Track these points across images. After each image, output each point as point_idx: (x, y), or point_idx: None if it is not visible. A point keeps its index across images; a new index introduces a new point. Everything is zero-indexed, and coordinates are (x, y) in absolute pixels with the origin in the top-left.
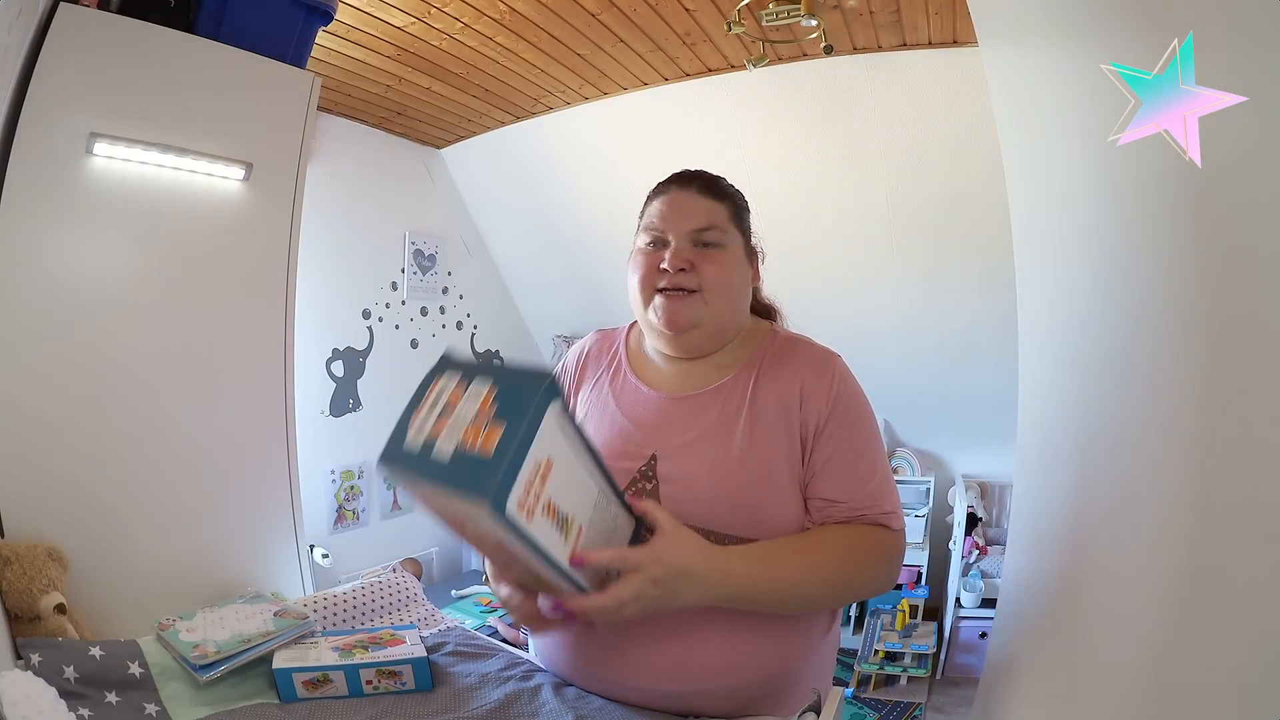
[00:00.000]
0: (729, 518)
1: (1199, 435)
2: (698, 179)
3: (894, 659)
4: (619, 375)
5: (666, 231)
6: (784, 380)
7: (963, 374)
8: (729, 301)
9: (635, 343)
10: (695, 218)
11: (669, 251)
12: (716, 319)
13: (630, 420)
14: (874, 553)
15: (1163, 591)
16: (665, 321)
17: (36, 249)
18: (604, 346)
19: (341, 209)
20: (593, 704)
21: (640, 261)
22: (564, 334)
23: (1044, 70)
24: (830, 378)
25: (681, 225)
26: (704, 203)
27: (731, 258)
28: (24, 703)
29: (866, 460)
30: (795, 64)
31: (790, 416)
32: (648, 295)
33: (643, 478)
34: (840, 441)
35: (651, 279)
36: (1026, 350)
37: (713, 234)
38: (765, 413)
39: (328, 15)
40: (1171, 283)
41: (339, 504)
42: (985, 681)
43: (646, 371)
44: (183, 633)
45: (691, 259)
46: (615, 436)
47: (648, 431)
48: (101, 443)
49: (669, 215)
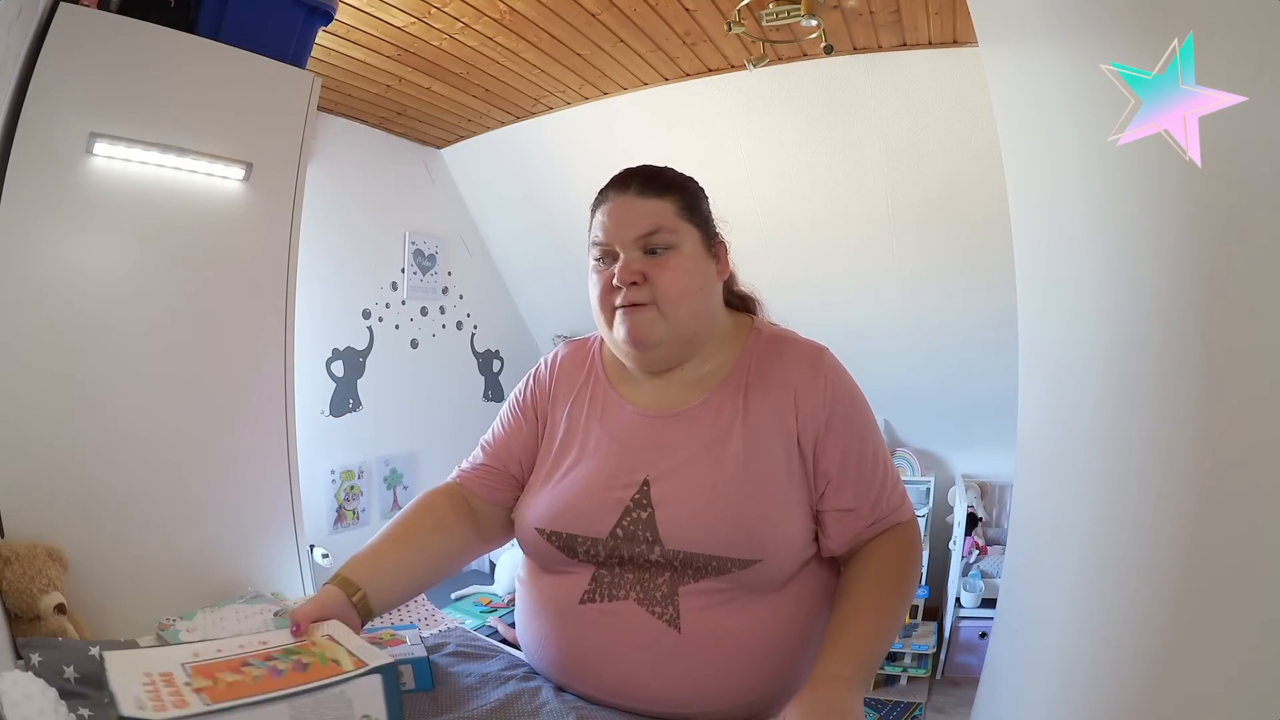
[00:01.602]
0: (729, 541)
1: (1198, 434)
2: (636, 177)
3: (894, 659)
4: (599, 392)
5: (612, 243)
6: (775, 388)
7: (962, 374)
8: (689, 307)
9: (610, 354)
10: (638, 223)
11: (618, 265)
12: (678, 329)
13: (616, 442)
14: (904, 555)
15: (1163, 591)
16: (628, 340)
17: (36, 249)
18: (577, 359)
19: (341, 209)
20: (594, 703)
21: (594, 280)
22: (564, 334)
23: (1044, 70)
24: (823, 378)
25: (625, 234)
26: (644, 204)
27: (686, 258)
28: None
29: (869, 458)
30: (795, 64)
31: (786, 425)
32: (608, 314)
33: (636, 505)
34: (844, 446)
35: (607, 298)
36: (1026, 350)
37: (660, 236)
38: (760, 425)
39: (328, 15)
40: (1171, 282)
41: (339, 504)
42: (985, 681)
43: (627, 386)
44: (183, 633)
45: (642, 269)
46: (603, 464)
47: (637, 453)
48: (101, 443)
49: (611, 226)
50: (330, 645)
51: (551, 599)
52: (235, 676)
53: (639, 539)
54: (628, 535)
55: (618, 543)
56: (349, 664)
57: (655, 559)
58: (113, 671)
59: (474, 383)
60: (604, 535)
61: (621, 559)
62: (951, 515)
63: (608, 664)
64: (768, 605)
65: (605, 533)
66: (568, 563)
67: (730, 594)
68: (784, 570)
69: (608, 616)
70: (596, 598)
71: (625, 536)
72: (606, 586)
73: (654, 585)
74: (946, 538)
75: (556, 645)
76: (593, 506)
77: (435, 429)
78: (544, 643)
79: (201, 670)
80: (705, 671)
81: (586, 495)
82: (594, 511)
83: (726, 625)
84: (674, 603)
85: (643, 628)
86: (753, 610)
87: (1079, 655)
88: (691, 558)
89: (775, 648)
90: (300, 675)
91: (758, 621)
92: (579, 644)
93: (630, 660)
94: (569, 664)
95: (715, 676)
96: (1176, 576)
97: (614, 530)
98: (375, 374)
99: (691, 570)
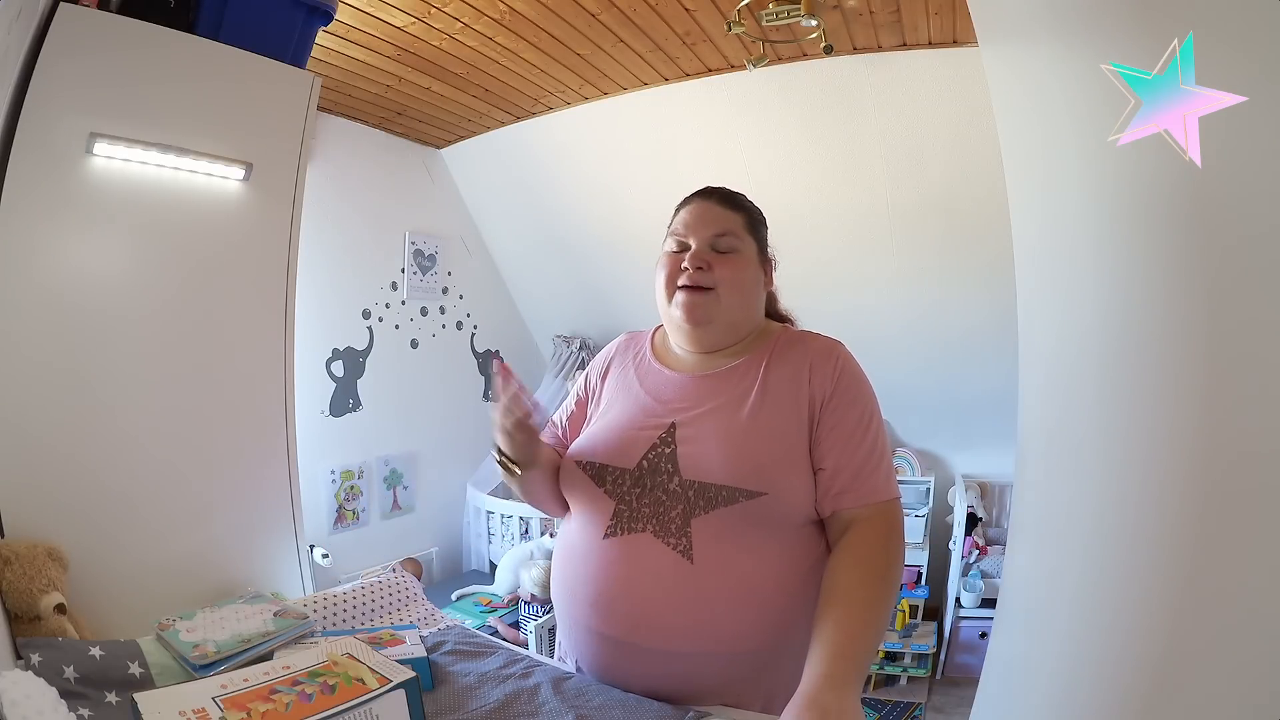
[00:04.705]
0: (739, 473)
1: (1198, 433)
2: (718, 193)
3: (894, 659)
4: (644, 364)
5: (689, 237)
6: (793, 362)
7: (962, 374)
8: (740, 298)
9: (660, 341)
10: (713, 224)
11: (689, 253)
12: (729, 314)
13: (652, 396)
14: (887, 541)
15: (1163, 590)
16: (684, 315)
17: (36, 249)
18: (630, 344)
19: (341, 209)
20: (592, 701)
21: (665, 263)
22: (564, 334)
23: (1044, 70)
24: (835, 360)
25: (702, 231)
26: (721, 212)
27: (744, 261)
28: (24, 703)
29: (861, 430)
30: (795, 64)
31: (799, 390)
32: (670, 291)
33: (662, 443)
34: (841, 415)
35: (674, 277)
36: (1026, 350)
37: (728, 239)
38: (776, 386)
39: (328, 15)
40: (1171, 282)
41: (339, 504)
42: (985, 681)
43: (669, 360)
44: (183, 633)
45: (708, 260)
46: (638, 409)
47: (668, 405)
48: (101, 443)
49: (691, 223)
50: (352, 664)
51: (580, 538)
52: (267, 705)
53: (660, 470)
54: (651, 467)
55: (642, 473)
56: (373, 681)
57: (673, 488)
58: (146, 713)
59: (474, 383)
60: (631, 466)
61: (644, 489)
62: (951, 515)
63: (630, 598)
64: (773, 548)
65: (633, 464)
66: (594, 494)
67: (738, 528)
68: (787, 510)
69: (628, 548)
70: (618, 530)
71: (649, 468)
72: (626, 520)
73: (669, 518)
74: (946, 538)
75: (585, 582)
76: (625, 442)
77: (435, 429)
78: (577, 584)
79: (233, 702)
80: (716, 607)
81: (620, 433)
82: (626, 446)
83: (735, 560)
84: (687, 534)
85: (659, 558)
86: (761, 550)
87: (1079, 655)
88: (704, 488)
89: (777, 589)
90: (329, 698)
91: (764, 561)
92: (604, 578)
93: (649, 591)
94: (598, 601)
95: (725, 613)
96: (1176, 576)
97: (640, 462)
98: (375, 374)
99: (703, 501)
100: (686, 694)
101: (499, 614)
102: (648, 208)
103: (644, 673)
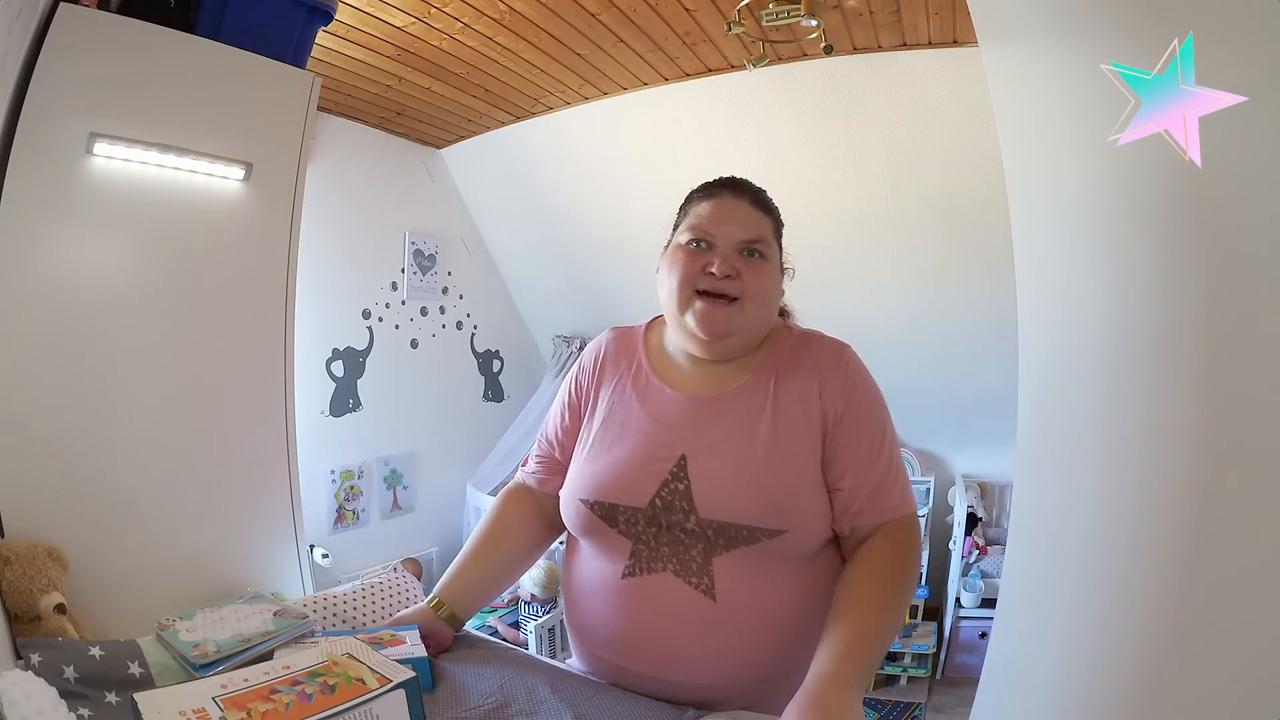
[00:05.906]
0: (759, 511)
1: (1197, 433)
2: (750, 190)
3: (894, 659)
4: (641, 376)
5: (715, 235)
6: (802, 377)
7: (963, 373)
8: (764, 311)
9: (655, 341)
10: (747, 228)
11: (718, 256)
12: (751, 327)
13: (656, 422)
14: (903, 555)
15: (1163, 590)
16: (704, 327)
17: (36, 249)
18: (622, 346)
19: (341, 209)
20: (591, 700)
21: (682, 260)
22: (564, 334)
23: (1044, 70)
24: (845, 370)
25: (733, 233)
26: (755, 214)
27: (772, 270)
28: (24, 703)
29: (877, 446)
30: (795, 64)
31: (811, 409)
32: (686, 296)
33: (674, 478)
34: (855, 431)
35: (693, 280)
36: (1026, 350)
37: (760, 246)
38: (788, 409)
39: (328, 15)
40: (1171, 282)
41: (339, 504)
42: (985, 681)
43: (669, 372)
44: (183, 633)
45: (739, 267)
46: (643, 439)
47: (675, 432)
48: (101, 443)
49: (720, 220)
50: (352, 664)
51: (598, 577)
52: (267, 705)
53: (676, 508)
54: (665, 505)
55: (656, 512)
56: (373, 681)
57: (691, 527)
58: (147, 713)
59: (474, 383)
60: (643, 505)
61: (659, 527)
62: (951, 515)
63: (653, 637)
64: (793, 579)
65: (645, 502)
66: (608, 534)
67: (759, 565)
68: (808, 543)
69: (649, 589)
70: (637, 571)
71: (663, 506)
72: (645, 560)
73: (689, 557)
74: (946, 538)
75: (604, 622)
76: (633, 478)
77: (435, 429)
78: (596, 623)
79: (233, 702)
80: (740, 640)
81: (627, 469)
82: (635, 483)
83: (758, 595)
84: (708, 573)
85: (682, 598)
86: (782, 583)
87: (1079, 655)
88: (724, 527)
89: (798, 619)
90: (329, 698)
91: (785, 593)
92: (626, 618)
93: (672, 631)
94: (620, 640)
95: (747, 646)
96: (1176, 576)
97: (653, 500)
98: (375, 374)
99: (724, 540)
100: (703, 707)
101: (499, 614)
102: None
103: (666, 696)
